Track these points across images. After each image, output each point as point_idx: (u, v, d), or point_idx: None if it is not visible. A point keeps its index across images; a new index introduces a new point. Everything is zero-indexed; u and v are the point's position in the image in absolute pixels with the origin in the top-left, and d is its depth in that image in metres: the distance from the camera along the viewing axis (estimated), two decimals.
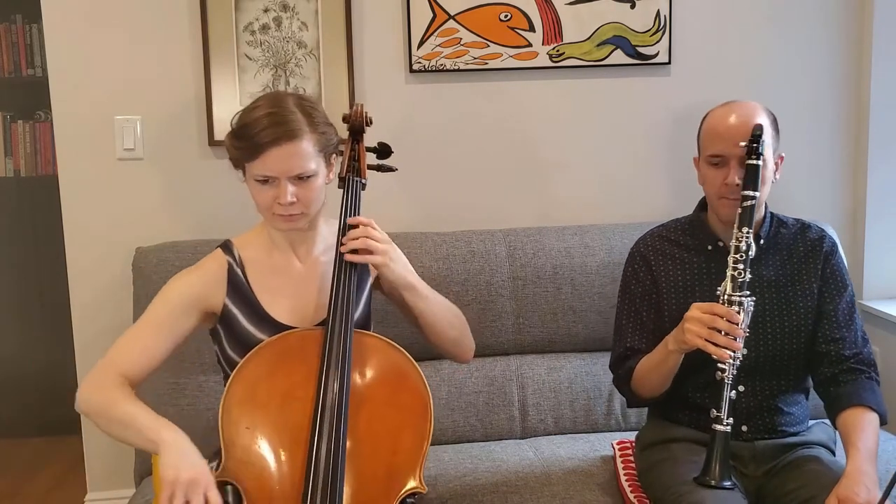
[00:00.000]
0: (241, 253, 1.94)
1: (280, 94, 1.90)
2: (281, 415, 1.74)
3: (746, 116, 2.01)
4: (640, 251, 2.19)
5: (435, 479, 2.19)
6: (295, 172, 1.79)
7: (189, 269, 1.95)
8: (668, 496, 1.92)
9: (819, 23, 2.81)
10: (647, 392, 2.09)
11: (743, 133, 1.98)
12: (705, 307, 1.88)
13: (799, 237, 2.14)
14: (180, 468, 1.63)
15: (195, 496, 1.61)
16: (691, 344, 1.87)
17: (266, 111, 1.80)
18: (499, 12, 2.67)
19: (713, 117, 2.09)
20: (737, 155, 1.99)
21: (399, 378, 1.83)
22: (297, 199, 1.81)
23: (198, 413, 2.40)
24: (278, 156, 1.77)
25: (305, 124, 1.80)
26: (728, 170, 2.00)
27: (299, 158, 1.79)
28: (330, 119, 1.92)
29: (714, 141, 2.04)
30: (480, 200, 2.76)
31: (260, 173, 1.80)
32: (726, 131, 2.01)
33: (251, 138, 1.78)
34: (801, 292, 2.09)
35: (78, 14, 2.56)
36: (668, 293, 2.12)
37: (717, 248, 2.11)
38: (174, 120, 2.62)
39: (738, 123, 2.00)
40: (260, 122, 1.78)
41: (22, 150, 3.81)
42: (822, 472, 1.95)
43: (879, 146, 2.82)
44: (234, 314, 1.89)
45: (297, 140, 1.78)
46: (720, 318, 1.85)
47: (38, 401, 3.81)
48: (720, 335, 1.85)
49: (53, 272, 3.50)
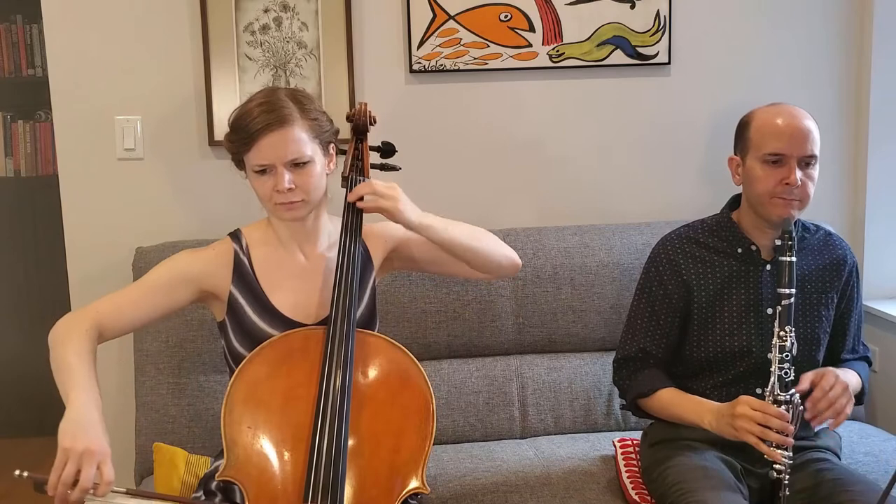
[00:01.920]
0: (249, 243, 1.96)
1: (273, 88, 1.96)
2: (283, 414, 1.74)
3: (802, 118, 2.02)
4: (666, 253, 2.16)
5: (435, 479, 2.20)
6: (290, 158, 1.82)
7: (197, 248, 1.99)
8: (673, 493, 1.93)
9: (819, 23, 2.81)
10: (653, 415, 2.12)
11: (804, 135, 1.99)
12: (756, 405, 1.87)
13: (824, 246, 2.15)
14: (77, 436, 1.60)
15: (88, 466, 1.57)
16: (743, 439, 1.87)
17: (258, 102, 1.85)
18: (499, 12, 2.67)
19: (766, 115, 2.07)
20: (797, 155, 1.99)
21: (401, 378, 1.83)
22: (296, 186, 1.83)
23: (198, 413, 2.40)
24: (271, 142, 1.81)
25: (296, 111, 1.84)
26: (787, 169, 1.99)
27: (293, 143, 1.82)
28: (331, 116, 1.95)
29: (773, 138, 2.02)
30: (480, 200, 2.76)
31: (256, 163, 1.83)
32: (787, 129, 2.01)
33: (244, 128, 1.82)
34: (825, 301, 2.11)
35: (78, 14, 2.55)
36: (699, 296, 2.11)
37: (749, 251, 2.10)
38: (174, 120, 2.62)
39: (798, 125, 2.01)
40: (252, 111, 1.83)
41: (22, 150, 3.82)
42: (835, 473, 1.96)
43: (879, 146, 2.81)
44: (240, 304, 1.90)
45: (289, 126, 1.82)
46: (773, 418, 1.84)
47: (38, 401, 3.81)
48: (773, 433, 1.84)
49: (53, 272, 3.50)
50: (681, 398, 2.06)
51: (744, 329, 2.08)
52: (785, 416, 1.85)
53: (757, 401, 1.88)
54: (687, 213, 2.48)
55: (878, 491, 1.80)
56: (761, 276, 2.09)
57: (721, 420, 1.92)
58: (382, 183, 1.89)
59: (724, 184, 2.27)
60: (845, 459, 2.19)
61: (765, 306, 2.07)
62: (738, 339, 2.08)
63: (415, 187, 2.69)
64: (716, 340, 2.09)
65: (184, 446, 2.29)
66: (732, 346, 2.08)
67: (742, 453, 2.02)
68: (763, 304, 2.07)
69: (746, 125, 2.10)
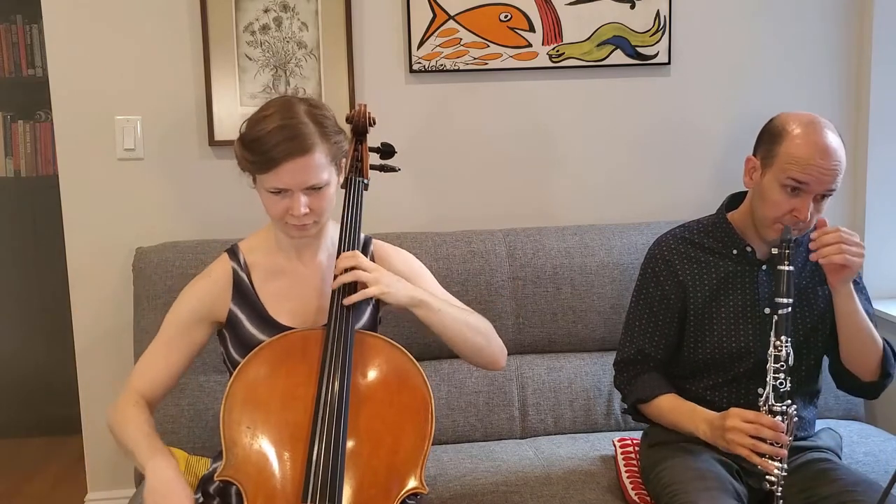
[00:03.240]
0: (247, 258, 1.94)
1: (290, 102, 1.82)
2: (282, 414, 1.74)
3: (835, 153, 1.93)
4: (661, 253, 2.15)
5: (435, 479, 2.20)
6: (309, 184, 1.78)
7: (197, 278, 1.96)
8: (666, 494, 1.93)
9: (819, 23, 2.81)
10: (652, 419, 2.11)
11: (833, 172, 1.92)
12: (749, 416, 1.85)
13: None
14: (158, 494, 1.68)
15: None
16: (734, 452, 1.86)
17: (278, 123, 1.76)
18: (499, 12, 2.67)
19: (802, 139, 1.95)
20: (818, 192, 1.94)
21: (400, 378, 1.83)
22: (311, 210, 1.80)
23: (198, 413, 2.40)
24: (292, 169, 1.75)
25: (318, 136, 1.77)
26: (802, 202, 1.94)
27: (313, 170, 1.77)
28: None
29: (801, 168, 1.93)
30: (480, 200, 2.76)
31: (273, 185, 1.78)
32: (818, 164, 1.92)
33: (264, 153, 1.75)
34: (823, 294, 2.09)
35: (78, 14, 2.56)
36: (695, 297, 2.10)
37: (744, 252, 2.09)
38: (174, 120, 2.62)
39: (829, 163, 1.92)
40: (272, 136, 1.74)
41: (22, 150, 3.81)
42: (837, 473, 1.95)
43: (879, 146, 2.82)
44: (239, 318, 1.90)
45: (311, 153, 1.76)
46: (765, 429, 1.82)
47: (38, 401, 3.82)
48: (765, 444, 1.82)
49: (53, 272, 3.50)
50: (678, 406, 2.05)
51: (741, 330, 2.08)
52: (779, 425, 1.83)
53: (750, 413, 1.86)
54: (687, 213, 2.47)
55: (879, 491, 1.80)
56: (757, 277, 2.08)
57: (714, 432, 1.92)
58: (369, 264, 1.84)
59: (724, 184, 2.27)
60: (845, 459, 2.19)
61: (761, 306, 2.06)
62: (735, 340, 2.08)
63: (415, 187, 2.72)
64: (713, 342, 2.09)
65: (184, 446, 2.29)
66: (731, 347, 2.08)
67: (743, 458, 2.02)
68: (760, 304, 2.07)
69: (777, 138, 1.99)
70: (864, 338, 2.02)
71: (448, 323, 1.89)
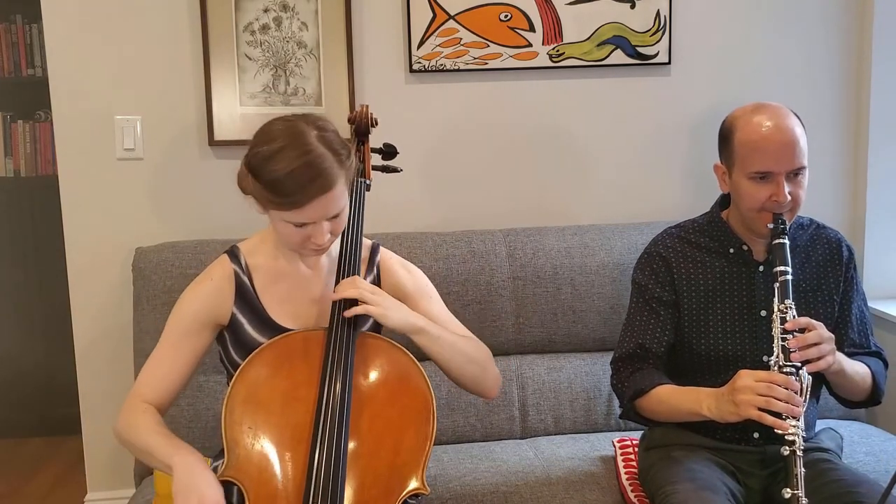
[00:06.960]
0: (248, 260, 1.92)
1: (298, 130, 1.74)
2: (283, 415, 1.74)
3: (787, 129, 1.93)
4: (658, 252, 2.15)
5: (435, 480, 2.20)
6: (332, 215, 1.77)
7: (197, 280, 1.93)
8: (658, 495, 1.93)
9: (819, 23, 2.81)
10: (652, 416, 2.06)
11: (790, 149, 1.91)
12: (760, 375, 1.77)
13: (816, 239, 2.12)
14: (190, 488, 1.65)
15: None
16: (744, 415, 1.76)
17: (297, 163, 1.69)
18: (499, 12, 2.67)
19: (749, 128, 1.97)
20: (785, 170, 1.93)
21: (402, 378, 1.83)
22: (330, 234, 1.79)
23: (198, 413, 2.40)
24: (318, 206, 1.73)
25: (336, 165, 1.73)
26: (775, 185, 1.94)
27: (335, 201, 1.75)
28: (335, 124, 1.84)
29: (757, 157, 1.94)
30: (480, 200, 2.76)
31: (297, 221, 1.75)
32: (771, 147, 1.93)
33: (289, 195, 1.70)
34: (822, 299, 2.09)
35: (78, 14, 2.56)
36: (689, 297, 2.09)
37: (741, 251, 2.08)
38: (174, 120, 2.62)
39: (783, 139, 1.93)
40: (295, 178, 1.69)
41: (22, 150, 3.81)
42: (839, 473, 1.95)
43: (879, 146, 2.82)
44: (240, 321, 1.89)
45: (334, 187, 1.74)
46: (777, 387, 1.75)
47: (38, 401, 3.82)
48: (779, 402, 1.73)
49: (53, 272, 3.50)
50: (677, 391, 2.01)
51: (737, 332, 2.06)
52: (792, 382, 1.76)
53: (761, 372, 1.80)
54: (687, 212, 2.46)
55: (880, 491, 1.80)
56: (754, 278, 2.07)
57: (721, 400, 1.84)
58: (369, 292, 1.82)
59: None
60: (846, 459, 2.18)
61: (758, 309, 2.05)
62: (731, 341, 2.06)
63: (415, 187, 2.72)
64: (709, 343, 2.07)
65: None
66: (726, 348, 2.06)
67: (738, 455, 2.02)
68: (756, 306, 2.05)
69: (730, 135, 2.02)
70: (853, 386, 2.02)
71: (445, 351, 1.88)
